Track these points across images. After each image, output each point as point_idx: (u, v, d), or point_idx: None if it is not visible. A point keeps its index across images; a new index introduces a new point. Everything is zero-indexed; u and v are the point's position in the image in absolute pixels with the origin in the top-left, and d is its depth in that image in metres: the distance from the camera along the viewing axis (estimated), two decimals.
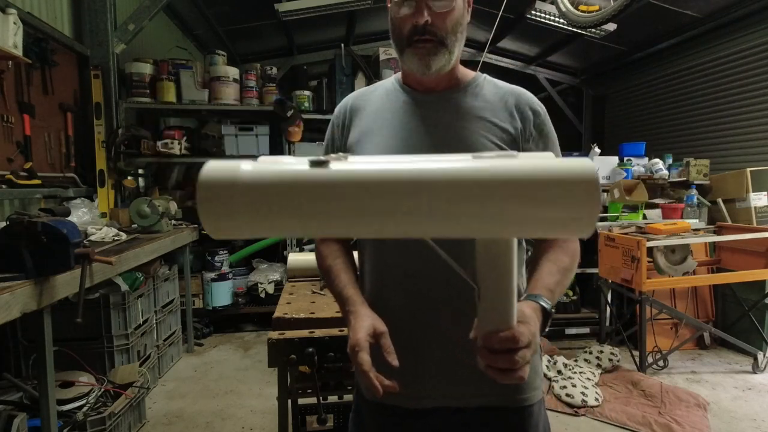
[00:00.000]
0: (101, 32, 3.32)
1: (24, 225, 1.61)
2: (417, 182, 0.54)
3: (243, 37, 5.12)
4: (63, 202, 2.85)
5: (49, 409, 1.68)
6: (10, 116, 2.52)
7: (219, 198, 0.55)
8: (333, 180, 0.55)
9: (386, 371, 0.91)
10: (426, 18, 0.85)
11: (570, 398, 2.70)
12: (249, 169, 0.56)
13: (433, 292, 0.89)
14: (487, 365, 0.65)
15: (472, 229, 0.56)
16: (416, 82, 0.97)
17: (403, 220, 0.55)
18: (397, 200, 0.54)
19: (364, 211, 0.55)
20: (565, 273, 0.86)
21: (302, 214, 0.56)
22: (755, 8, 3.63)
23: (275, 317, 1.48)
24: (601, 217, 3.75)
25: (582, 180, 0.52)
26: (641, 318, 3.09)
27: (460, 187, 0.53)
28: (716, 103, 4.14)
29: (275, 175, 0.56)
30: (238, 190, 0.55)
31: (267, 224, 0.57)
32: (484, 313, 0.65)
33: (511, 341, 0.63)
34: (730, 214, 3.65)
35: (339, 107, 1.06)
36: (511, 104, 0.96)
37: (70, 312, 1.74)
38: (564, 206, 0.52)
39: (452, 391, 0.90)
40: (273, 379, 2.85)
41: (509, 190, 0.53)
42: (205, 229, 0.57)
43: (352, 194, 0.55)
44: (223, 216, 0.56)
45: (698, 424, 2.44)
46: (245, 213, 0.55)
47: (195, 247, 3.76)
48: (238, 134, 3.92)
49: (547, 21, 4.27)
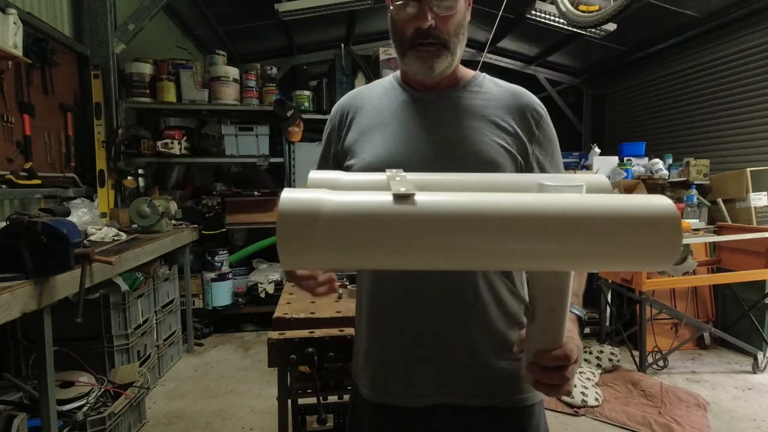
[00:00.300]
0: (101, 32, 3.32)
1: (24, 225, 1.61)
2: (501, 218, 0.54)
3: (243, 37, 5.12)
4: (63, 202, 2.85)
5: (49, 409, 1.68)
6: (10, 116, 2.52)
7: (301, 234, 0.53)
8: (419, 215, 0.54)
9: (384, 366, 0.93)
10: (430, 22, 0.85)
11: (570, 398, 2.70)
12: (332, 201, 0.54)
13: (427, 291, 0.89)
14: (536, 381, 0.68)
15: (550, 264, 0.57)
16: (416, 82, 0.96)
17: (484, 255, 0.54)
18: (479, 237, 0.53)
19: (447, 246, 0.54)
20: (583, 275, 0.90)
21: (387, 250, 0.54)
22: (755, 8, 3.63)
23: (275, 317, 1.48)
24: None
25: (665, 218, 0.53)
26: (641, 318, 3.09)
27: (544, 225, 0.53)
28: (716, 103, 4.14)
29: (360, 209, 0.54)
30: (321, 226, 0.52)
31: (347, 258, 0.55)
32: (536, 332, 0.67)
33: (564, 360, 0.66)
34: (730, 214, 3.65)
35: (336, 106, 1.06)
36: (512, 103, 0.95)
37: (70, 312, 1.74)
38: (649, 245, 0.54)
39: (449, 389, 0.90)
40: (273, 379, 2.85)
41: (596, 228, 0.53)
42: (281, 262, 0.55)
43: (437, 230, 0.53)
44: (304, 251, 0.54)
45: (698, 424, 2.44)
46: (327, 248, 0.53)
47: (195, 247, 3.76)
48: (238, 134, 3.92)
49: (547, 21, 4.27)
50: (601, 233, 0.53)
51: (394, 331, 0.92)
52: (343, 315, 1.50)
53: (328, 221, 0.52)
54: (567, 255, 0.54)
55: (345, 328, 1.44)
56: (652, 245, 0.54)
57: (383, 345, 0.93)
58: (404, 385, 0.91)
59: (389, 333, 0.92)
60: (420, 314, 0.90)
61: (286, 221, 0.53)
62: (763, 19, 3.64)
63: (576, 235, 0.53)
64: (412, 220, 0.53)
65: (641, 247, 0.54)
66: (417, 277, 0.89)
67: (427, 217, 0.54)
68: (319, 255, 0.54)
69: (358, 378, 0.99)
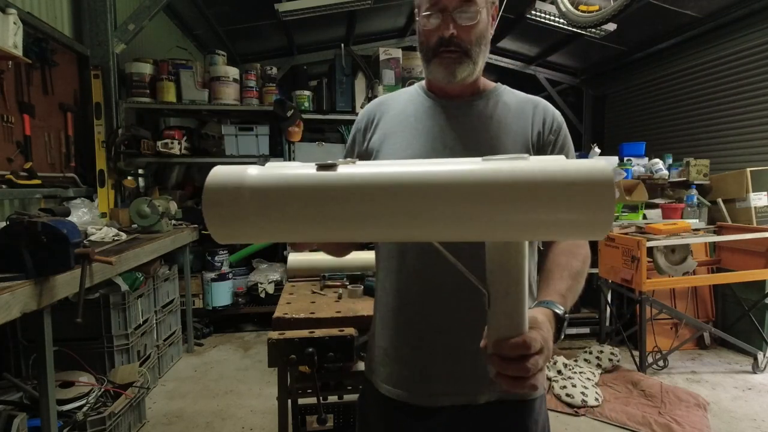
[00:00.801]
0: (101, 32, 3.32)
1: (24, 225, 1.61)
2: (424, 185, 0.53)
3: (243, 37, 5.12)
4: (63, 202, 2.85)
5: (49, 409, 1.68)
6: (10, 116, 2.52)
7: (225, 203, 0.55)
8: (340, 183, 0.54)
9: (400, 366, 0.96)
10: (452, 31, 0.90)
11: (570, 398, 2.70)
12: (255, 173, 0.56)
13: (443, 292, 0.91)
14: (497, 373, 0.63)
15: (482, 232, 0.55)
16: (440, 90, 1.01)
17: (410, 223, 0.53)
18: (403, 203, 0.52)
19: (371, 214, 0.53)
20: (576, 278, 0.86)
21: (309, 218, 0.54)
22: (755, 8, 3.63)
23: (275, 317, 1.48)
24: None
25: (597, 181, 0.50)
26: (641, 318, 3.09)
27: (469, 190, 0.52)
28: (716, 103, 4.14)
29: (282, 179, 0.56)
30: (244, 195, 0.54)
31: (274, 228, 0.56)
32: (494, 319, 0.63)
33: (522, 347, 0.61)
34: (730, 214, 3.65)
35: (363, 111, 1.10)
36: (531, 112, 0.99)
37: (70, 312, 1.74)
38: (579, 209, 0.51)
39: (460, 388, 0.93)
40: (273, 379, 2.85)
41: (521, 192, 0.51)
42: (211, 235, 0.56)
43: (358, 197, 0.53)
44: (229, 221, 0.55)
45: (698, 424, 2.44)
46: (252, 218, 0.55)
47: (195, 247, 3.76)
48: (238, 134, 3.92)
49: (547, 21, 4.27)
50: (528, 198, 0.51)
51: (417, 329, 0.95)
52: (343, 315, 1.50)
53: (251, 191, 0.54)
54: (490, 222, 0.52)
55: (345, 328, 1.44)
56: (582, 210, 0.51)
57: (401, 341, 0.96)
58: (419, 384, 0.94)
59: (412, 330, 0.95)
60: (434, 315, 0.92)
61: (211, 194, 0.55)
62: (763, 19, 3.64)
63: (499, 200, 0.52)
64: (332, 188, 0.54)
65: (571, 213, 0.51)
66: (432, 278, 0.91)
67: (346, 185, 0.54)
68: (245, 226, 0.55)
69: (376, 373, 1.01)
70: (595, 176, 0.50)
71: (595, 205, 0.50)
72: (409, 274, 0.95)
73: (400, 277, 0.96)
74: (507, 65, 5.82)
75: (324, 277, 1.88)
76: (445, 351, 0.92)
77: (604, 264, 3.38)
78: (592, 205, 0.50)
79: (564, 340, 3.81)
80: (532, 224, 0.52)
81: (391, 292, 0.98)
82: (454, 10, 0.89)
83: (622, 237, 3.16)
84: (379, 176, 0.55)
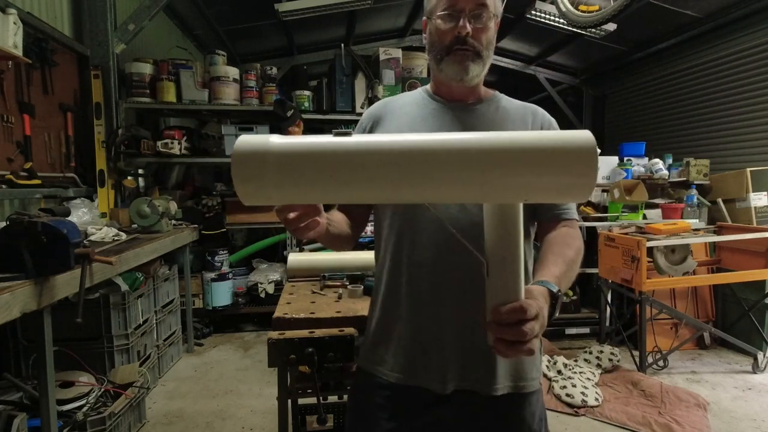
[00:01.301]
0: (101, 32, 3.32)
1: (24, 225, 1.61)
2: (429, 150, 0.60)
3: (243, 37, 5.12)
4: (63, 202, 2.85)
5: (49, 409, 1.68)
6: (10, 116, 2.52)
7: (252, 166, 0.61)
8: (354, 147, 0.61)
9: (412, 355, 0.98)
10: (468, 29, 0.96)
11: (570, 398, 2.70)
12: (278, 141, 0.63)
13: (456, 283, 0.95)
14: (496, 339, 0.66)
15: (480, 193, 0.61)
16: (447, 93, 1.06)
17: (416, 184, 0.60)
18: (411, 166, 0.59)
19: (381, 176, 0.60)
20: (570, 265, 0.89)
21: (326, 180, 0.61)
22: (755, 8, 3.63)
23: (275, 317, 1.48)
24: (600, 217, 3.75)
25: (581, 147, 0.57)
26: (641, 318, 3.09)
27: (470, 154, 0.59)
28: (716, 103, 4.14)
29: (302, 145, 0.62)
30: (269, 159, 0.61)
31: (295, 190, 0.62)
32: (492, 286, 0.68)
33: (519, 312, 0.65)
34: (730, 214, 3.65)
35: (368, 112, 1.13)
36: (531, 118, 1.05)
37: (70, 312, 1.74)
38: (565, 171, 0.58)
39: (471, 377, 0.96)
40: (273, 379, 2.85)
41: (516, 156, 0.58)
42: (239, 196, 0.63)
43: (370, 160, 0.60)
44: (255, 183, 0.62)
45: (698, 424, 2.44)
46: (275, 180, 0.61)
47: (195, 247, 3.76)
48: (238, 134, 3.91)
49: (547, 21, 4.27)
50: (520, 162, 0.58)
51: (426, 316, 0.97)
52: (343, 315, 1.50)
53: (275, 156, 0.61)
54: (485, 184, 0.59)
55: (345, 328, 1.44)
56: (568, 174, 0.58)
57: (416, 329, 0.98)
58: (435, 370, 0.97)
59: (421, 317, 0.98)
60: (450, 302, 0.95)
61: (240, 159, 0.62)
62: (763, 19, 3.64)
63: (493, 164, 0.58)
64: (347, 152, 0.60)
65: (558, 176, 0.58)
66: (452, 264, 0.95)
67: (360, 150, 0.61)
68: (269, 187, 0.62)
69: (381, 363, 1.02)
70: (580, 143, 0.58)
71: (579, 169, 0.57)
72: (420, 265, 0.97)
73: (409, 269, 0.98)
74: (507, 65, 5.82)
75: (324, 277, 1.88)
76: (458, 341, 0.95)
77: (604, 264, 3.38)
78: (576, 168, 0.57)
79: (564, 340, 3.81)
80: (524, 186, 0.59)
81: (400, 284, 1.00)
82: (470, 12, 0.96)
83: (622, 237, 3.16)
84: (388, 143, 0.61)
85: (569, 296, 3.86)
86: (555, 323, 3.74)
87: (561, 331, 3.77)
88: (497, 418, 0.98)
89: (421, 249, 0.97)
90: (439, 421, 0.99)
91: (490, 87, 1.11)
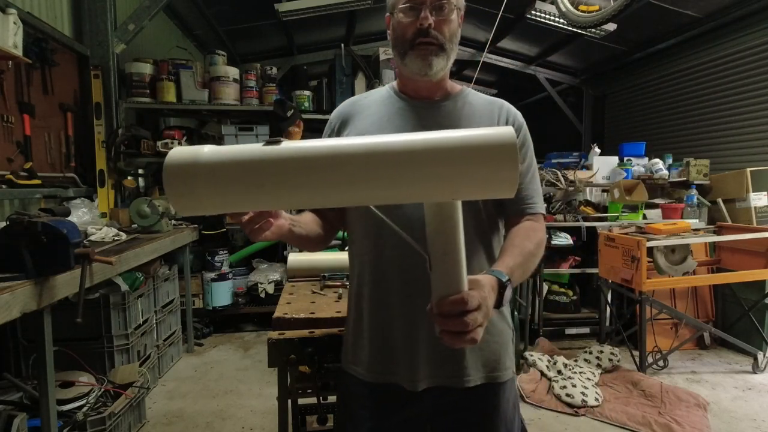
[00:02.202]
0: (101, 32, 3.32)
1: (24, 225, 1.61)
2: (357, 153, 0.60)
3: (243, 37, 5.12)
4: (63, 202, 2.85)
5: (49, 409, 1.68)
6: (10, 116, 2.52)
7: (181, 177, 0.62)
8: (283, 155, 0.61)
9: (387, 349, 1.00)
10: (430, 21, 0.95)
11: (570, 398, 2.70)
12: (208, 150, 0.63)
13: (422, 281, 0.96)
14: (441, 330, 0.69)
15: (409, 193, 0.62)
16: (412, 90, 1.06)
17: (346, 188, 0.60)
18: (337, 170, 0.60)
19: (310, 181, 0.60)
20: (528, 257, 0.92)
21: (256, 187, 0.61)
22: (755, 8, 3.63)
23: (275, 317, 1.48)
24: (600, 217, 3.75)
25: (502, 144, 0.59)
26: (641, 318, 3.09)
27: (399, 155, 0.59)
28: (716, 103, 4.14)
29: (231, 154, 0.62)
30: (199, 170, 0.61)
31: (226, 200, 0.62)
32: (435, 279, 0.69)
33: (460, 303, 0.67)
34: (730, 214, 3.65)
35: (336, 112, 1.13)
36: (497, 113, 1.05)
37: (70, 312, 1.74)
38: (489, 167, 0.59)
39: (442, 373, 0.99)
40: (273, 379, 2.85)
41: (443, 154, 0.59)
42: (172, 207, 0.63)
43: (298, 166, 0.60)
44: (185, 194, 0.62)
45: (698, 424, 2.44)
46: (206, 189, 0.61)
47: (195, 247, 3.76)
48: (238, 134, 3.92)
49: (547, 21, 4.27)
50: (445, 160, 0.59)
51: (396, 316, 0.99)
52: (343, 315, 1.50)
53: (205, 166, 0.61)
54: (416, 183, 0.60)
55: (345, 328, 1.44)
56: (491, 169, 0.59)
57: (386, 328, 1.00)
58: (406, 368, 0.99)
59: (392, 319, 0.99)
60: (419, 301, 0.96)
61: (170, 171, 0.62)
62: (763, 19, 3.64)
63: (418, 163, 0.59)
64: (275, 160, 0.61)
65: (482, 171, 0.59)
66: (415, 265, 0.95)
67: (288, 157, 0.61)
68: (201, 197, 0.62)
69: (358, 364, 1.05)
70: (501, 140, 0.59)
71: (502, 165, 0.59)
72: (387, 265, 0.99)
73: (379, 269, 1.00)
74: (507, 65, 5.82)
75: (324, 277, 1.88)
76: (427, 338, 0.97)
77: (604, 264, 3.38)
78: (499, 163, 0.59)
79: (564, 340, 3.80)
80: (451, 183, 0.60)
81: (370, 284, 1.02)
82: (431, 4, 0.96)
83: (622, 237, 3.16)
84: (317, 149, 0.61)
85: (569, 296, 3.86)
86: (555, 323, 3.75)
87: (561, 331, 3.77)
88: (474, 409, 1.01)
89: (388, 249, 0.98)
90: (417, 417, 1.01)
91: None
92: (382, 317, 1.01)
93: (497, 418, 1.02)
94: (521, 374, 3.02)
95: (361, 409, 1.04)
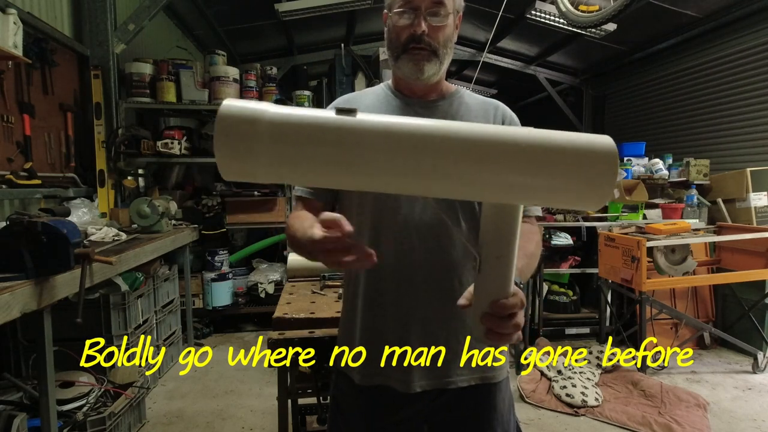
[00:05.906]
0: (101, 32, 3.32)
1: (24, 225, 1.61)
2: (441, 138, 0.52)
3: (243, 37, 5.12)
4: (63, 202, 2.85)
5: (49, 409, 1.68)
6: (10, 116, 2.52)
7: (240, 135, 0.51)
8: (358, 127, 0.53)
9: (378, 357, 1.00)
10: (423, 28, 0.95)
11: (570, 398, 2.70)
12: (275, 109, 0.53)
13: (416, 284, 0.97)
14: (489, 329, 0.68)
15: (491, 192, 0.56)
16: (407, 89, 1.05)
17: (421, 175, 0.53)
18: (419, 154, 0.52)
19: (386, 162, 0.53)
20: (530, 258, 0.93)
21: (324, 160, 0.53)
22: (755, 8, 3.63)
23: (275, 317, 1.48)
24: (600, 217, 3.75)
25: (603, 153, 0.52)
26: (641, 318, 3.09)
27: (486, 148, 0.53)
28: (716, 103, 4.14)
29: (301, 118, 0.53)
30: (261, 129, 0.51)
31: (286, 168, 0.53)
32: (486, 281, 0.67)
33: (516, 307, 0.68)
34: (730, 214, 3.65)
35: (329, 108, 1.10)
36: (492, 113, 1.06)
37: (70, 312, 1.74)
38: (583, 177, 0.52)
39: (436, 374, 0.99)
40: (273, 379, 2.85)
41: (532, 155, 0.53)
42: (219, 169, 0.53)
43: (375, 143, 0.52)
44: (241, 155, 0.52)
45: (698, 424, 2.44)
46: (267, 154, 0.52)
47: (195, 247, 3.76)
48: None
49: (547, 21, 4.27)
50: (535, 162, 0.53)
51: (390, 319, 0.99)
52: None
53: (268, 127, 0.51)
54: (497, 182, 0.54)
55: None
56: (587, 179, 0.52)
57: (380, 332, 1.00)
58: (398, 370, 0.99)
59: (386, 320, 0.99)
60: (413, 304, 0.98)
61: (227, 124, 0.51)
62: (763, 19, 3.64)
63: (506, 161, 0.53)
64: (352, 131, 0.52)
65: (576, 180, 0.53)
66: (410, 268, 0.97)
67: (368, 131, 0.52)
68: (261, 162, 0.52)
69: (350, 365, 1.04)
70: (601, 148, 0.53)
71: (598, 176, 0.52)
72: (383, 268, 0.98)
73: (375, 273, 1.00)
74: (507, 65, 5.82)
75: (324, 277, 1.88)
76: (421, 340, 0.98)
77: (604, 264, 3.38)
78: (595, 175, 0.52)
79: (564, 340, 3.80)
80: (538, 186, 0.54)
81: (366, 286, 1.02)
82: (426, 10, 0.95)
83: (622, 237, 3.16)
84: (398, 126, 0.53)
85: (569, 296, 3.86)
86: (555, 323, 3.75)
87: (561, 331, 3.77)
88: (470, 409, 1.01)
89: (383, 250, 0.98)
90: (412, 418, 1.01)
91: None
92: (374, 318, 1.00)
93: (493, 418, 1.02)
94: (521, 374, 3.02)
95: (354, 410, 1.03)
